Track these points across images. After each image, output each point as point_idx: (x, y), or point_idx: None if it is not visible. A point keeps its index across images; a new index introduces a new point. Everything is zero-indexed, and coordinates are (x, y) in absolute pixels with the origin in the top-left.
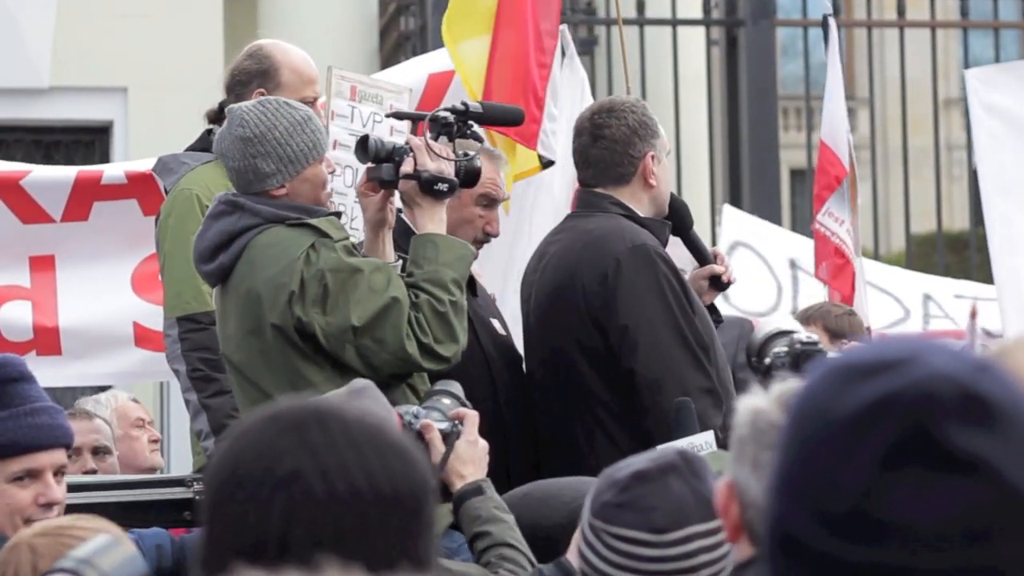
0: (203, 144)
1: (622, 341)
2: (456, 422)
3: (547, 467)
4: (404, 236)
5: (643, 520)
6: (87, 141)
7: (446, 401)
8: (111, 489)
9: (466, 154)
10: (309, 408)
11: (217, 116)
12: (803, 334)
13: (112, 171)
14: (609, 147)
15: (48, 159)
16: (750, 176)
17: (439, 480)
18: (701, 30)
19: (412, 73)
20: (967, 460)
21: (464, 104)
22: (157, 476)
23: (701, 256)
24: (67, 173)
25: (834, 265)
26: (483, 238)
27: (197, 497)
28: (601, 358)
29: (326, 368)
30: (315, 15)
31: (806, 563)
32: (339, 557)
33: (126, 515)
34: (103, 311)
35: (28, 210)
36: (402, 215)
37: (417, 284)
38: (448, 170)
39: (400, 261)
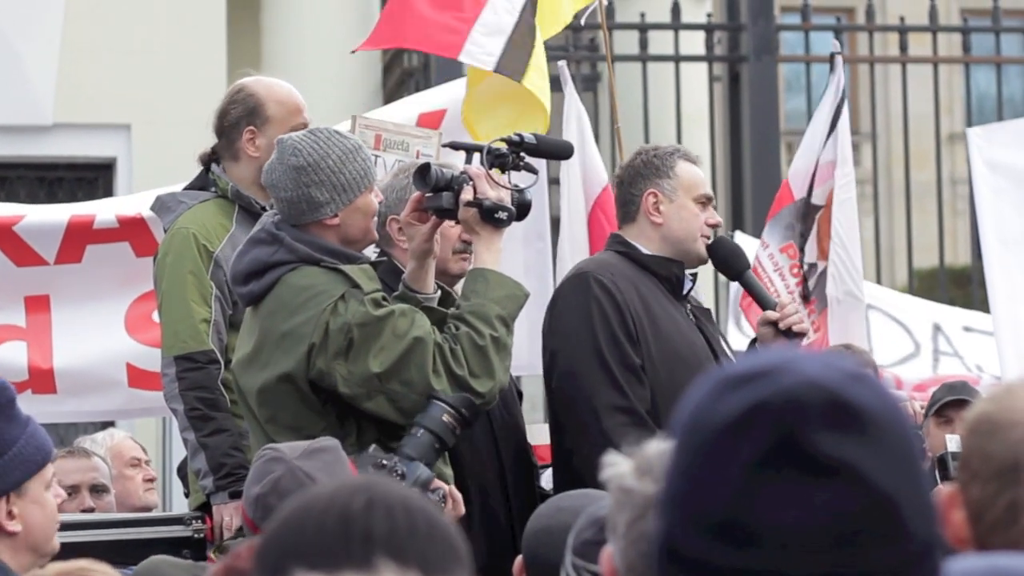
0: (201, 183)
1: (551, 366)
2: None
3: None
4: (392, 275)
5: None
6: (90, 178)
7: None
8: (110, 527)
9: (517, 187)
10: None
11: (210, 159)
12: None
13: (104, 215)
14: (620, 188)
15: (51, 196)
16: (753, 212)
17: None
18: (704, 66)
19: (403, 112)
20: (833, 465)
21: (519, 135)
22: (156, 514)
23: (760, 300)
24: (60, 217)
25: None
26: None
27: (195, 535)
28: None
29: (328, 417)
30: (319, 51)
31: (687, 572)
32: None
33: (125, 553)
34: (97, 352)
35: (22, 254)
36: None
37: (461, 316)
38: (507, 199)
39: (439, 292)
